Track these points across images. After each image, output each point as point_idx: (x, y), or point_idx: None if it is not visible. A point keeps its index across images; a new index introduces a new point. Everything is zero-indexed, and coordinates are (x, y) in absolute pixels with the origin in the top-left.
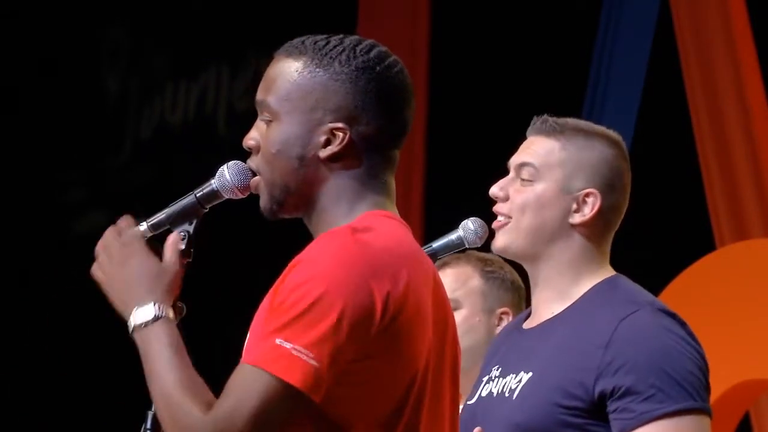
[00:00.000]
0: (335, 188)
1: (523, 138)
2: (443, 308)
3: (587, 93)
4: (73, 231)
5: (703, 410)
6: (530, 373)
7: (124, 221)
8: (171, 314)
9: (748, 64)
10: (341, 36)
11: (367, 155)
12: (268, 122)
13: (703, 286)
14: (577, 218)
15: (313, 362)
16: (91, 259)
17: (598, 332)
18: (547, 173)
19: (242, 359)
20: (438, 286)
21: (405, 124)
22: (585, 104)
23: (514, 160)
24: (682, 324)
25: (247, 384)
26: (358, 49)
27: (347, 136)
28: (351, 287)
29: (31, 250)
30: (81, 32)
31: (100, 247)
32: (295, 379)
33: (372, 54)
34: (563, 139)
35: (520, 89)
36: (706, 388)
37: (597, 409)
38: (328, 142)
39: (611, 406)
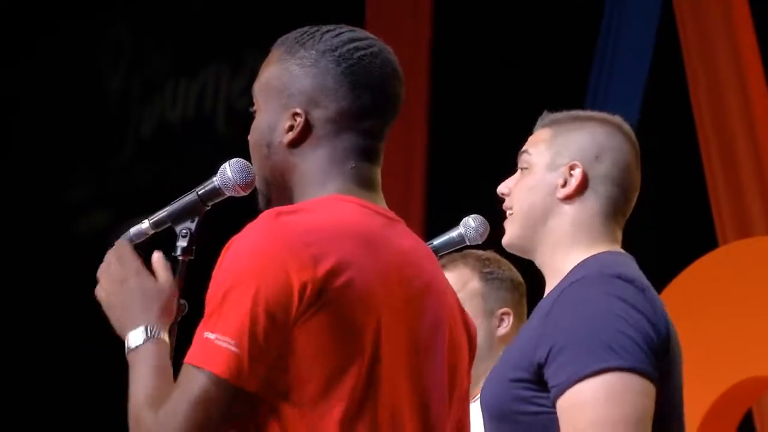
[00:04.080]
0: (303, 175)
1: (526, 134)
2: (423, 298)
3: (589, 89)
4: (76, 230)
5: (633, 370)
6: (504, 353)
7: (122, 244)
8: (163, 335)
9: (750, 59)
10: (324, 26)
11: (331, 140)
12: (254, 114)
13: (706, 283)
14: (562, 192)
15: (233, 348)
16: (94, 257)
17: (546, 304)
18: (538, 156)
19: None
20: (412, 277)
21: (374, 109)
22: (587, 100)
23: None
24: (639, 290)
25: (183, 381)
26: (327, 34)
27: (303, 120)
28: (264, 272)
29: (34, 249)
30: (83, 33)
31: (102, 269)
32: (219, 368)
33: (338, 38)
34: (556, 125)
35: (523, 85)
36: (643, 351)
37: (540, 379)
38: (291, 128)
39: (546, 375)
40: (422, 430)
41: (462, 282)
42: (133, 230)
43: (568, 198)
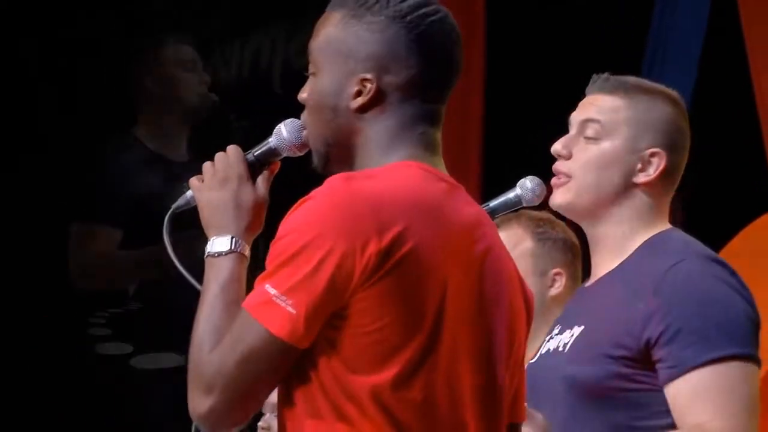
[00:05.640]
0: (369, 140)
1: (581, 97)
2: (484, 265)
3: (647, 51)
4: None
5: (749, 357)
6: (582, 327)
7: (235, 148)
8: (246, 250)
9: None
10: None
11: (400, 106)
12: (313, 74)
13: (762, 245)
14: (641, 177)
15: (291, 309)
16: (148, 219)
17: (646, 282)
18: (613, 131)
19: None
20: (474, 243)
21: (441, 75)
22: (644, 62)
23: (577, 117)
24: (732, 273)
25: (239, 328)
26: None
27: (374, 87)
28: (330, 237)
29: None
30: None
31: (207, 165)
32: (274, 326)
33: (406, 3)
34: (627, 97)
35: (579, 48)
36: (754, 337)
37: (644, 358)
38: (359, 93)
39: (656, 355)
40: (482, 397)
41: (514, 242)
42: (189, 194)
43: (647, 185)
